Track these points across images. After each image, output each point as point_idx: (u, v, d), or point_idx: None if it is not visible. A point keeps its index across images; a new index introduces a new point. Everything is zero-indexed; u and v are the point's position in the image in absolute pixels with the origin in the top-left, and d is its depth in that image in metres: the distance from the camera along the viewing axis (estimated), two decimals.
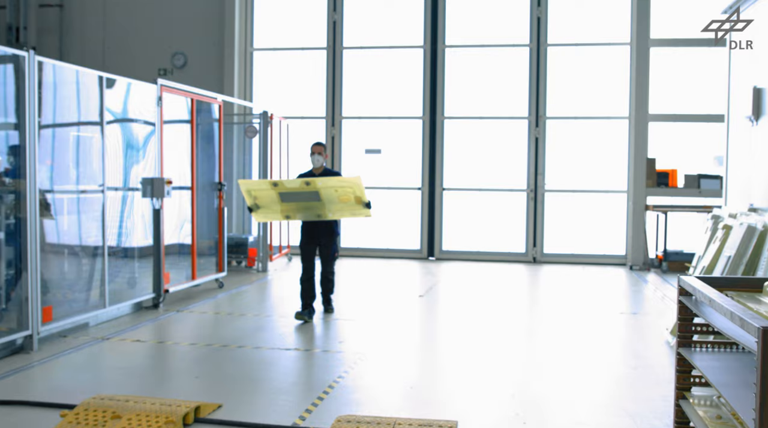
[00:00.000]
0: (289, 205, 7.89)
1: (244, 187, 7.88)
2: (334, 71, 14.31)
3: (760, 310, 3.15)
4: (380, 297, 10.06)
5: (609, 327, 8.24)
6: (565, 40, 13.71)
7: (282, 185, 7.76)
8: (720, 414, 3.65)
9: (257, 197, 7.90)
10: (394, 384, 5.93)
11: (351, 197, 7.77)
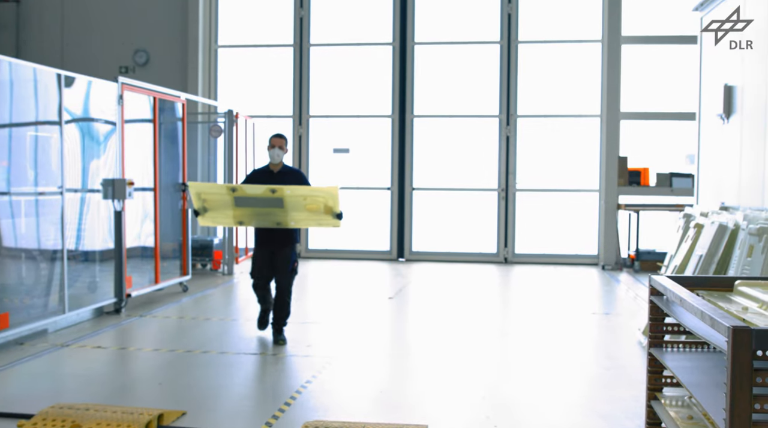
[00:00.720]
0: (244, 210, 7.19)
1: (194, 190, 7.24)
2: (301, 69, 14.27)
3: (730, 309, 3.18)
4: (349, 300, 10.05)
5: (581, 328, 8.30)
6: (536, 38, 13.79)
7: (242, 190, 7.06)
8: (691, 415, 3.69)
9: (207, 201, 7.24)
10: (363, 389, 5.93)
11: (320, 206, 7.11)
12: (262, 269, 7.41)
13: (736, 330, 2.54)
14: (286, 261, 7.38)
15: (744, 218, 6.11)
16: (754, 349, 2.53)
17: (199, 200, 7.25)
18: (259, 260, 7.43)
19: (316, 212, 7.15)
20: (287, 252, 7.38)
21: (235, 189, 7.10)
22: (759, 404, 2.55)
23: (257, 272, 7.44)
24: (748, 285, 3.52)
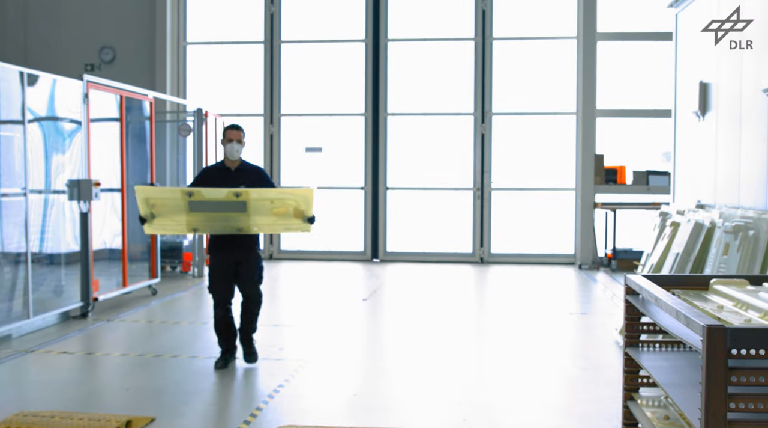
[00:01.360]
0: (199, 216, 6.34)
1: (141, 195, 6.30)
2: (272, 67, 14.23)
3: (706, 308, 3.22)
4: (322, 302, 10.04)
5: (558, 328, 8.35)
6: (511, 34, 13.85)
7: (200, 194, 6.22)
8: (668, 415, 3.72)
9: (156, 206, 6.35)
10: (337, 392, 5.92)
11: (289, 210, 6.40)
12: (223, 282, 6.56)
13: (711, 329, 2.57)
14: (252, 270, 6.61)
15: (720, 216, 6.18)
16: (729, 348, 2.56)
17: (147, 206, 6.33)
18: (218, 271, 6.56)
19: (284, 216, 6.43)
20: (252, 259, 6.61)
21: (191, 193, 6.22)
22: (734, 403, 2.58)
23: (219, 288, 6.57)
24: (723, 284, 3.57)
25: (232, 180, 6.48)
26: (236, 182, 6.46)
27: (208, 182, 6.51)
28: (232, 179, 6.49)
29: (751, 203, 6.09)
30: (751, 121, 6.15)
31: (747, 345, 2.57)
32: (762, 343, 2.57)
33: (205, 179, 6.60)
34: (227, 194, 6.23)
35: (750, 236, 5.40)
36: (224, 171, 6.60)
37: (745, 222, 5.52)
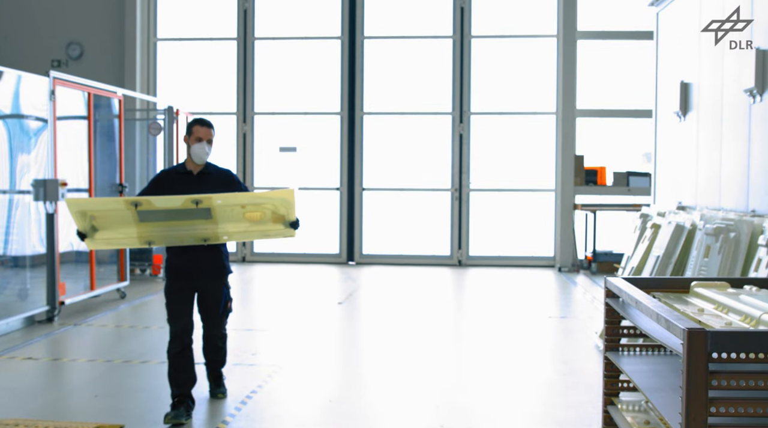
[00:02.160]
0: (154, 226, 5.39)
1: (74, 208, 5.32)
2: (245, 64, 14.19)
3: (686, 311, 3.25)
4: (296, 305, 10.02)
5: (537, 332, 8.39)
6: (490, 32, 13.91)
7: (149, 204, 5.26)
8: (648, 419, 3.75)
9: (96, 218, 5.35)
10: (312, 398, 5.92)
11: (266, 215, 5.54)
12: (183, 311, 5.51)
13: (692, 333, 2.59)
14: (216, 301, 5.67)
15: (701, 217, 6.24)
16: (710, 351, 2.58)
17: (84, 220, 5.34)
18: (177, 298, 5.52)
19: (261, 221, 5.56)
20: (218, 288, 5.65)
21: (138, 203, 5.25)
22: (714, 407, 2.61)
23: (178, 317, 5.49)
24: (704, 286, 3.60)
25: (195, 186, 5.49)
26: (200, 188, 5.48)
27: (165, 188, 5.49)
28: (195, 185, 5.50)
29: (732, 205, 6.16)
30: (732, 121, 6.22)
31: (728, 348, 2.60)
32: (743, 347, 2.60)
33: (162, 184, 5.55)
34: (184, 201, 5.27)
35: (731, 239, 5.46)
36: (185, 175, 5.59)
37: (726, 224, 5.58)
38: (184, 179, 5.58)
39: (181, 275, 5.56)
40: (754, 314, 2.98)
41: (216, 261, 5.65)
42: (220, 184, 5.58)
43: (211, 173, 5.66)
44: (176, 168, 5.72)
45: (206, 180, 5.60)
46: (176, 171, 5.67)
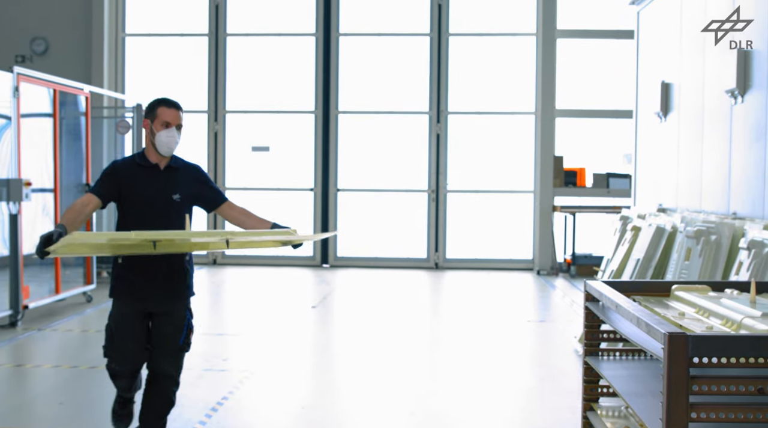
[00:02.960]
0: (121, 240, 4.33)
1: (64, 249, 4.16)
2: (217, 61, 14.13)
3: (667, 315, 3.28)
4: (269, 309, 9.99)
5: (515, 336, 8.42)
6: (468, 30, 13.95)
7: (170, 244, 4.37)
8: (628, 425, 3.78)
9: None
10: (285, 405, 5.90)
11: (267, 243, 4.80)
12: (133, 340, 4.60)
13: (672, 337, 2.61)
14: (178, 329, 4.71)
15: (682, 220, 6.29)
16: (690, 356, 2.61)
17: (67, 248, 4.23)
18: (126, 323, 4.60)
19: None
20: (180, 311, 4.73)
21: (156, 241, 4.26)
22: (695, 413, 2.63)
23: (126, 350, 4.59)
24: (685, 290, 3.63)
25: (163, 184, 4.61)
26: (168, 186, 4.62)
27: (123, 186, 4.54)
28: (161, 183, 4.61)
29: (713, 207, 6.22)
30: (713, 122, 6.28)
31: (709, 353, 2.62)
32: (724, 351, 2.63)
33: (120, 181, 4.55)
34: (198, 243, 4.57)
35: (712, 241, 5.51)
36: (149, 170, 4.61)
37: (707, 227, 5.63)
38: (148, 175, 4.59)
39: (136, 294, 4.57)
40: (736, 318, 3.01)
41: (180, 277, 4.68)
42: (192, 183, 4.71)
43: (179, 168, 4.71)
44: (137, 160, 4.62)
45: (175, 177, 4.66)
46: (138, 164, 4.60)
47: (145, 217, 4.51)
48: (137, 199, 4.56)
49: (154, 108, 4.63)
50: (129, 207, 4.57)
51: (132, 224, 4.47)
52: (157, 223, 4.50)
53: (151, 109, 4.64)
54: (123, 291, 4.60)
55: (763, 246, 4.77)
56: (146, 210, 4.55)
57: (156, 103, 4.67)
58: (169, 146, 4.58)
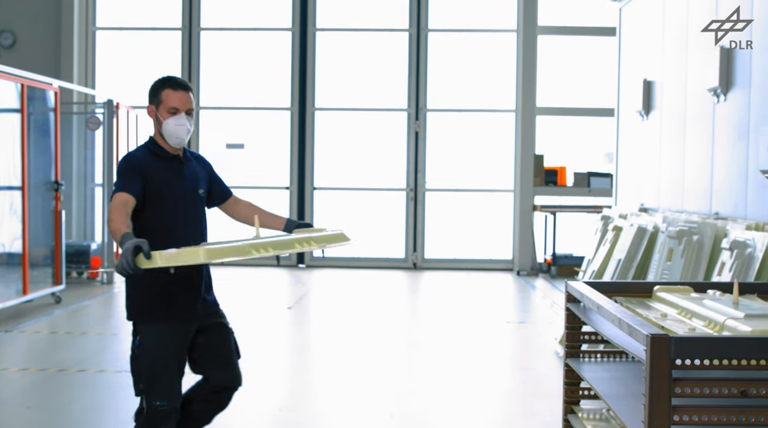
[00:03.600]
0: None
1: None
2: (190, 55, 14.07)
3: (649, 316, 3.29)
4: (243, 310, 9.95)
5: (495, 338, 8.44)
6: (448, 26, 13.97)
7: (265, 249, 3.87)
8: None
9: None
10: (261, 407, 5.89)
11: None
12: (178, 379, 4.08)
13: (654, 338, 2.63)
14: (232, 338, 4.39)
15: (664, 220, 6.34)
16: (673, 358, 2.63)
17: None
18: (176, 359, 4.06)
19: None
20: (225, 319, 4.39)
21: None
22: (678, 415, 2.65)
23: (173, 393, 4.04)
24: (667, 291, 3.66)
25: (187, 179, 4.18)
26: (194, 181, 4.23)
27: (149, 182, 3.98)
28: (185, 177, 4.18)
29: (695, 207, 6.27)
30: (696, 121, 6.33)
31: (691, 354, 2.64)
32: (707, 353, 2.65)
33: (146, 176, 3.97)
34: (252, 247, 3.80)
35: (694, 242, 5.55)
36: (171, 162, 4.13)
37: (689, 227, 5.68)
38: (169, 168, 4.11)
39: (183, 314, 4.06)
40: (718, 319, 3.03)
41: (211, 283, 4.33)
42: (205, 175, 4.38)
43: (190, 160, 4.29)
44: (150, 151, 4.10)
45: (194, 170, 4.28)
46: (156, 154, 4.09)
47: (177, 216, 4.05)
48: (166, 196, 4.03)
49: (157, 91, 4.10)
50: (156, 205, 3.98)
51: (164, 226, 3.94)
52: (190, 222, 4.11)
53: (155, 92, 4.11)
54: (168, 313, 4.00)
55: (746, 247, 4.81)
56: (176, 208, 4.06)
57: (159, 84, 4.12)
58: (179, 136, 4.05)
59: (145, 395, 3.98)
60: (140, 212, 3.92)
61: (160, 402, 3.94)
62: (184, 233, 4.01)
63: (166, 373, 3.97)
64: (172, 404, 3.97)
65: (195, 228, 4.14)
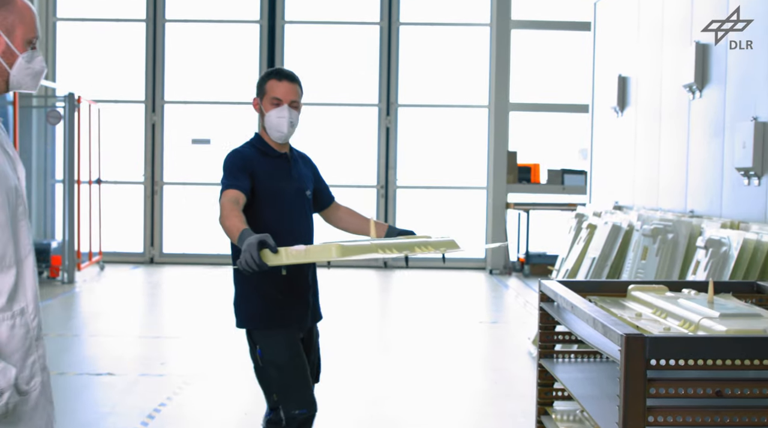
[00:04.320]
0: None
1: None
2: (155, 48, 13.96)
3: (623, 316, 3.31)
4: (210, 310, 9.90)
5: (468, 338, 8.47)
6: (420, 19, 13.98)
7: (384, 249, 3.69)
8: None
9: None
10: (226, 411, 5.86)
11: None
12: (311, 383, 4.07)
13: (629, 338, 2.64)
14: (318, 355, 4.29)
15: (638, 218, 6.38)
16: (648, 358, 2.64)
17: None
18: (305, 363, 4.00)
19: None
20: (317, 333, 4.28)
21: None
22: (653, 416, 2.66)
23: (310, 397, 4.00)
24: (641, 290, 3.68)
25: (295, 179, 4.07)
26: (302, 181, 4.12)
27: (260, 182, 3.89)
28: (293, 177, 4.07)
29: (670, 205, 6.32)
30: (671, 117, 6.38)
31: (666, 354, 2.66)
32: (682, 353, 2.66)
33: (254, 175, 3.88)
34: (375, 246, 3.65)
35: (669, 240, 5.59)
36: (279, 161, 4.02)
37: (664, 225, 5.72)
38: (277, 167, 4.00)
39: (296, 321, 4.02)
40: (693, 318, 3.05)
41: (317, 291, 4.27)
42: (311, 175, 4.25)
43: (295, 157, 4.16)
44: (255, 148, 4.00)
45: (301, 169, 4.16)
46: (263, 153, 3.98)
47: (284, 219, 3.93)
48: (275, 197, 3.92)
49: (263, 83, 4.00)
50: (264, 207, 3.87)
51: (271, 229, 3.63)
52: (299, 226, 4.04)
53: (261, 84, 4.02)
54: (286, 320, 3.94)
55: (721, 245, 4.86)
56: (284, 211, 3.95)
57: (265, 76, 4.03)
58: (280, 130, 3.92)
59: (282, 405, 3.89)
60: (245, 213, 3.72)
61: (299, 411, 3.87)
62: (291, 237, 3.80)
63: (299, 380, 3.90)
64: (310, 411, 3.91)
65: (304, 232, 4.07)
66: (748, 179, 4.99)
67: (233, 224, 3.52)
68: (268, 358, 3.90)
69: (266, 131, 3.97)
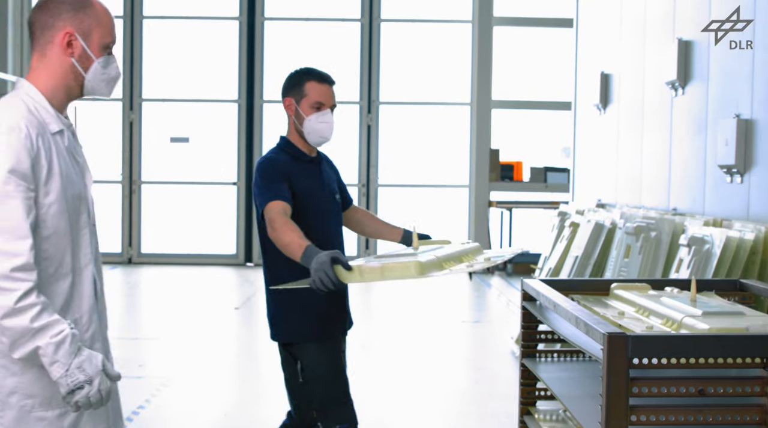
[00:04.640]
0: None
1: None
2: (132, 45, 13.89)
3: (606, 315, 3.32)
4: (189, 311, 9.88)
5: (450, 338, 8.47)
6: (401, 16, 13.98)
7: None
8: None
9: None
10: (206, 413, 5.84)
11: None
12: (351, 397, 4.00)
13: (612, 337, 2.64)
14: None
15: (621, 216, 6.40)
16: (630, 357, 2.64)
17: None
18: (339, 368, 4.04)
19: None
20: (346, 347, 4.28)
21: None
22: (635, 415, 2.67)
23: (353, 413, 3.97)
24: (624, 288, 3.68)
25: (326, 183, 4.01)
26: (331, 185, 4.06)
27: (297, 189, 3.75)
28: (324, 181, 4.01)
29: (653, 203, 6.34)
30: (654, 115, 6.40)
31: (649, 353, 2.66)
32: (665, 352, 2.67)
33: (290, 183, 3.73)
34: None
35: (652, 238, 5.61)
36: (310, 165, 3.95)
37: (647, 223, 5.73)
38: (310, 172, 3.91)
39: (336, 333, 4.02)
40: (676, 317, 3.06)
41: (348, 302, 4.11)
42: (335, 178, 4.17)
43: (322, 160, 4.08)
44: (289, 152, 3.88)
45: (328, 172, 4.09)
46: (295, 158, 3.87)
47: (320, 227, 3.78)
48: (311, 204, 3.79)
49: (300, 82, 3.84)
50: (300, 216, 3.64)
51: (309, 236, 3.43)
52: (333, 234, 3.90)
53: (295, 83, 3.85)
54: (327, 332, 3.89)
55: (704, 243, 4.87)
56: (320, 218, 3.83)
57: (302, 75, 3.86)
58: (323, 135, 3.84)
59: (322, 421, 3.78)
60: None
61: (341, 426, 3.80)
62: (328, 243, 3.60)
63: (341, 395, 3.85)
64: (352, 426, 3.85)
65: (338, 238, 3.95)
66: (731, 177, 5.01)
67: (292, 240, 3.37)
68: (311, 373, 3.80)
69: (304, 135, 3.83)
